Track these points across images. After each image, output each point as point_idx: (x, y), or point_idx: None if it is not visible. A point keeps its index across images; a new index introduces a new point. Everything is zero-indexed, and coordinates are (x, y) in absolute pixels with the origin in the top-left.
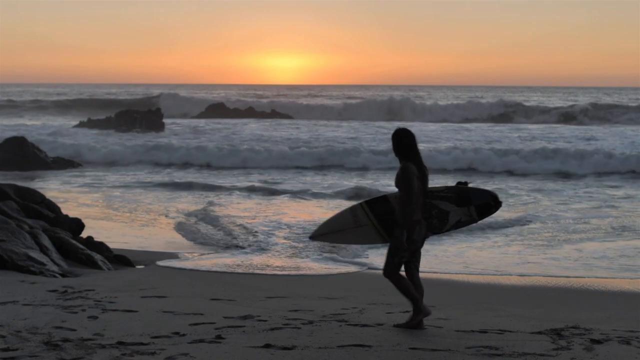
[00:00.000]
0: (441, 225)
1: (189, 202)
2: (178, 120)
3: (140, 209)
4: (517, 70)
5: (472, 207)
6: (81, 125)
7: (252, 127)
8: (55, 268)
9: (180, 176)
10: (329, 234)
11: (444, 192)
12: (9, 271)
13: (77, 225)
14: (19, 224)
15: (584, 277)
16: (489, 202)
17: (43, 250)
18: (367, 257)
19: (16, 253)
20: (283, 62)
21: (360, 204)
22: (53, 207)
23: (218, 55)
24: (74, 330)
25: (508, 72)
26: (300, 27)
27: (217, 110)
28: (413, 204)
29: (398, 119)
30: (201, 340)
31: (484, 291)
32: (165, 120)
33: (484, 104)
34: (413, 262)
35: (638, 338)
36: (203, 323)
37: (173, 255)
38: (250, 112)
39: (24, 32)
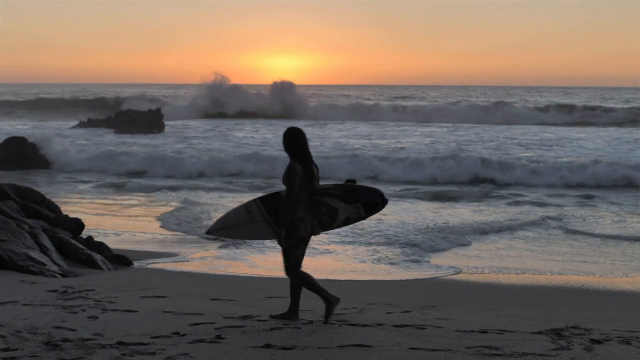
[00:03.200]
0: (331, 222)
1: (189, 203)
2: (173, 122)
3: (139, 210)
4: (517, 70)
5: (359, 205)
6: (81, 125)
7: (249, 128)
8: (55, 268)
9: (179, 178)
10: (225, 229)
11: (332, 190)
12: (9, 271)
13: (77, 225)
14: (19, 224)
15: (584, 277)
16: (376, 200)
17: (43, 250)
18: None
19: (16, 253)
20: (283, 62)
21: (254, 200)
22: (53, 207)
23: (218, 55)
24: (74, 330)
25: (508, 72)
26: (300, 27)
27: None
28: (293, 202)
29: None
30: (201, 340)
31: (484, 291)
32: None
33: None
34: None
35: (638, 338)
36: (203, 323)
37: (173, 255)
38: (250, 113)
39: (24, 32)
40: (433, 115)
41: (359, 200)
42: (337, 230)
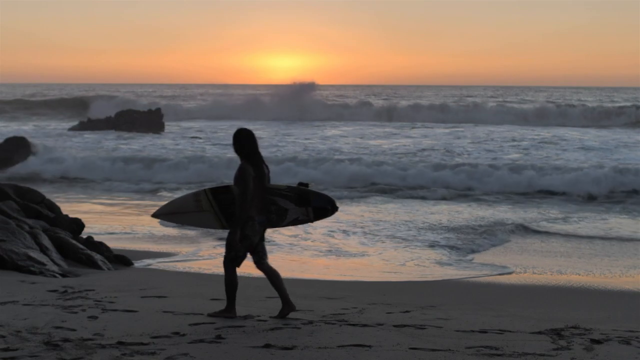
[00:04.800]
0: (279, 221)
1: None
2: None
3: (139, 209)
4: (517, 70)
5: (310, 209)
6: (81, 125)
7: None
8: (55, 268)
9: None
10: (172, 214)
11: (285, 191)
12: (9, 271)
13: (77, 225)
14: (19, 224)
15: (584, 277)
16: (327, 207)
17: (43, 250)
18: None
19: (16, 253)
20: (283, 62)
21: (204, 190)
22: (53, 207)
23: (218, 55)
24: (74, 330)
25: (508, 72)
26: (300, 27)
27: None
28: (248, 203)
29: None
30: (201, 340)
31: (484, 291)
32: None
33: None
34: (256, 255)
35: (638, 338)
36: (203, 323)
37: (173, 255)
38: (252, 114)
39: (24, 32)
40: (456, 116)
41: (309, 205)
42: (365, 231)
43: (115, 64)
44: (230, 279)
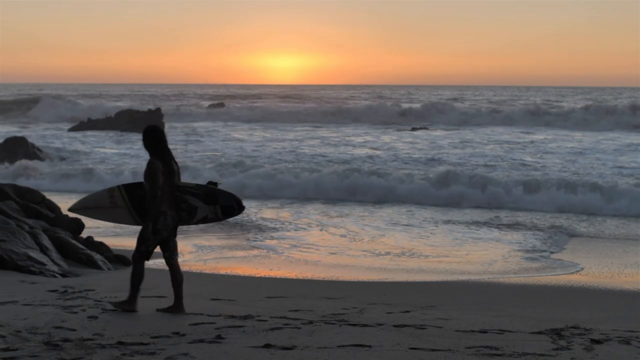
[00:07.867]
0: (189, 218)
1: None
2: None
3: None
4: (517, 70)
5: (218, 207)
6: (81, 126)
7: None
8: (55, 268)
9: None
10: (86, 209)
11: (194, 189)
12: (9, 271)
13: (77, 225)
14: (19, 224)
15: (584, 277)
16: (233, 205)
17: (43, 250)
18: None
19: (16, 253)
20: (283, 62)
21: (118, 186)
22: (53, 207)
23: (218, 55)
24: (74, 330)
25: (508, 72)
26: (300, 27)
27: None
28: (158, 198)
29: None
30: (201, 340)
31: (484, 291)
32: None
33: None
34: (167, 251)
35: (638, 338)
36: (203, 323)
37: None
38: (252, 115)
39: (24, 32)
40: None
41: (217, 203)
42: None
43: (115, 64)
44: (138, 272)
